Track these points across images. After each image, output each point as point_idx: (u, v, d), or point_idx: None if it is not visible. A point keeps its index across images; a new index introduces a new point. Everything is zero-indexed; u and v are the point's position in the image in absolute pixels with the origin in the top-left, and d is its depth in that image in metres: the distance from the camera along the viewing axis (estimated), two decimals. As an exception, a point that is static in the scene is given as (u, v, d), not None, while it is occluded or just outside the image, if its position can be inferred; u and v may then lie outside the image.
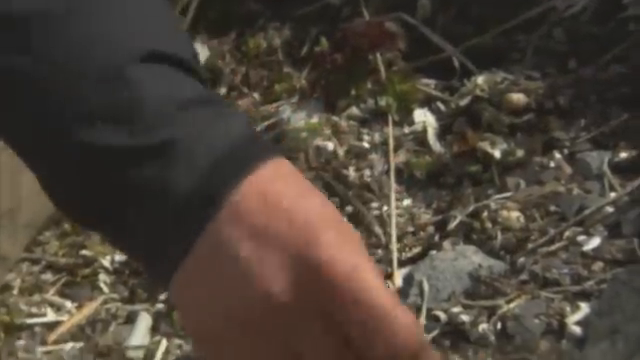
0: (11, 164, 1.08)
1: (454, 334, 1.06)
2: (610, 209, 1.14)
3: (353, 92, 1.45)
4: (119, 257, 1.32)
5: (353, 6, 1.58)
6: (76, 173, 0.67)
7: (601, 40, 1.39)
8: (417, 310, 1.09)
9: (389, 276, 1.19)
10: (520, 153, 1.27)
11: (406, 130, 1.38)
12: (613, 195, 1.16)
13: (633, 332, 0.96)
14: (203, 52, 1.57)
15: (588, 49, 1.39)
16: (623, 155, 1.21)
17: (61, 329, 1.22)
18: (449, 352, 1.03)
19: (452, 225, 1.21)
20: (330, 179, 1.32)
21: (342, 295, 0.62)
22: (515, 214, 1.19)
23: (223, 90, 1.55)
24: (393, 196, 1.28)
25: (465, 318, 1.07)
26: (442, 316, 1.09)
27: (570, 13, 1.44)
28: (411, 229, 1.25)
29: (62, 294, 1.29)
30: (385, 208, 1.28)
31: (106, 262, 1.31)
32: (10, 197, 1.09)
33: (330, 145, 1.37)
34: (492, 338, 1.04)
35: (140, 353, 1.15)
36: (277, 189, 0.64)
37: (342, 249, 0.64)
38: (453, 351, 1.02)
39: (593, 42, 1.39)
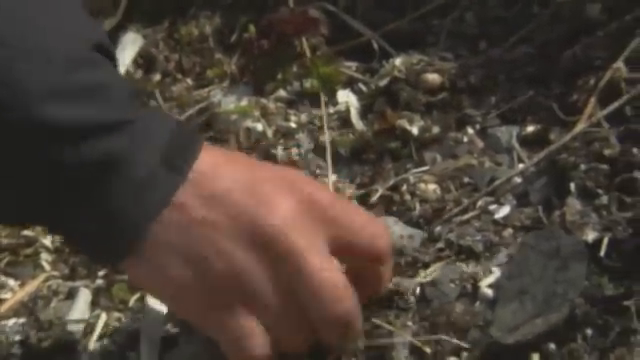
0: None
1: (376, 300, 1.05)
2: (518, 180, 1.13)
3: (280, 76, 1.43)
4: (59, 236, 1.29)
5: (278, -5, 1.56)
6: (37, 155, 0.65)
7: (508, 23, 1.38)
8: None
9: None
10: (436, 129, 1.26)
11: (331, 110, 1.36)
12: (521, 166, 1.15)
13: (540, 292, 0.96)
14: (137, 40, 1.54)
15: (496, 31, 1.38)
16: (530, 129, 1.20)
17: (5, 306, 1.20)
18: (371, 317, 1.02)
19: (374, 198, 1.20)
20: (260, 158, 1.30)
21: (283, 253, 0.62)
22: (432, 186, 1.18)
23: (157, 76, 1.52)
24: (330, 169, 1.26)
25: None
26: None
27: (480, -2, 1.43)
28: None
29: (5, 273, 1.26)
30: (312, 184, 1.26)
31: (47, 241, 1.28)
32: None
33: (259, 126, 1.35)
34: (412, 302, 1.03)
35: (80, 326, 1.13)
36: (227, 159, 0.64)
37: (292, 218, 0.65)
38: (375, 316, 1.01)
39: (501, 25, 1.38)
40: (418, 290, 1.04)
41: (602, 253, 0.97)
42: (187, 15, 1.59)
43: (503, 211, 1.11)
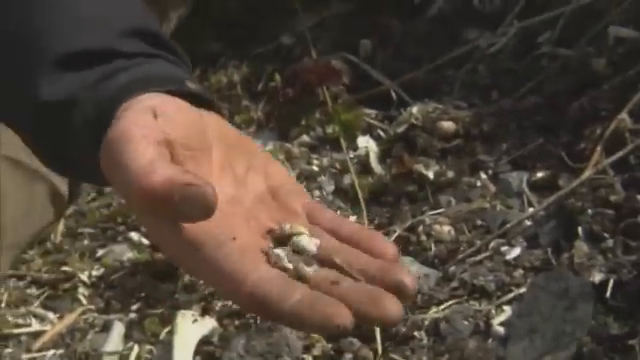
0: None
1: (393, 335, 1.05)
2: (529, 222, 1.14)
3: (303, 122, 1.45)
4: (96, 272, 1.31)
5: (303, 47, 1.58)
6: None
7: (519, 74, 1.39)
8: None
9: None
10: (450, 174, 1.27)
11: (351, 155, 1.37)
12: (531, 210, 1.16)
13: (549, 331, 0.96)
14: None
15: (508, 82, 1.39)
16: (539, 175, 1.21)
17: (44, 338, 1.20)
18: (389, 352, 1.03)
19: (392, 238, 1.21)
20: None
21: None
22: (447, 228, 1.19)
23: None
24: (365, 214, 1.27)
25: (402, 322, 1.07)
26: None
27: (492, 51, 1.44)
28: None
29: (45, 306, 1.27)
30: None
31: (84, 277, 1.30)
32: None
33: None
34: (426, 339, 1.03)
35: (114, 358, 1.14)
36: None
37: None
38: (391, 351, 1.01)
39: (512, 76, 1.40)
40: (433, 327, 1.04)
41: (608, 294, 0.98)
42: (217, 64, 1.61)
43: (514, 252, 1.12)
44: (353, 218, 1.28)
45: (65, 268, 1.31)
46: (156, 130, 0.63)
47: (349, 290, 0.59)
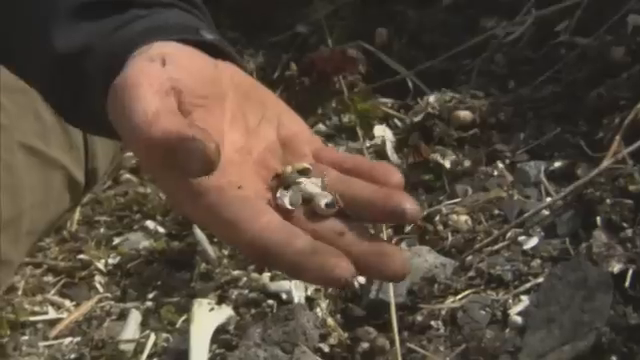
0: (11, 179, 1.07)
1: (410, 325, 1.05)
2: (546, 212, 1.14)
3: (320, 111, 1.44)
4: (112, 260, 1.31)
5: (319, 35, 1.58)
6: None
7: (536, 63, 1.38)
8: (378, 304, 1.08)
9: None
10: (467, 163, 1.26)
11: (367, 144, 1.37)
12: (549, 200, 1.15)
13: (567, 320, 0.96)
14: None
15: (525, 71, 1.39)
16: (557, 164, 1.20)
17: (61, 326, 1.21)
18: (406, 341, 1.02)
19: (408, 228, 1.20)
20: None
21: None
22: (463, 217, 1.19)
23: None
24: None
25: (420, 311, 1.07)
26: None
27: (509, 40, 1.44)
28: (372, 232, 1.24)
29: (62, 294, 1.27)
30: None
31: (101, 265, 1.30)
32: (12, 208, 1.08)
33: (298, 161, 1.36)
34: (443, 329, 1.03)
35: (131, 346, 1.14)
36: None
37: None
38: (408, 340, 1.01)
39: (529, 65, 1.39)
40: (450, 317, 1.04)
41: (627, 284, 0.97)
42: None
43: (532, 242, 1.11)
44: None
45: (81, 256, 1.31)
46: (163, 78, 0.62)
47: (354, 242, 0.57)
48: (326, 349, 1.04)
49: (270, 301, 1.12)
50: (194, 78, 0.64)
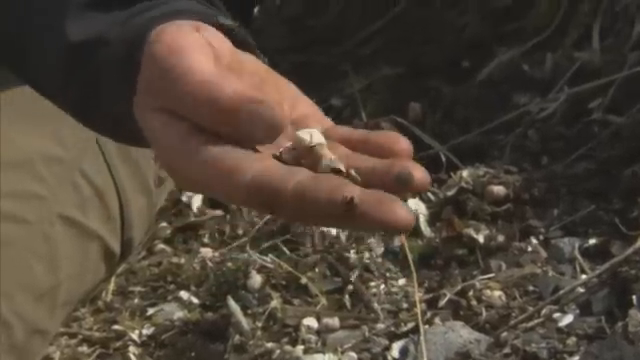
0: (50, 250, 1.08)
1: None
2: (581, 289, 1.13)
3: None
4: (146, 331, 1.31)
5: (352, 108, 1.59)
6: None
7: (569, 140, 1.39)
8: (412, 380, 1.07)
9: (387, 348, 1.17)
10: (501, 238, 1.26)
11: (400, 217, 1.37)
12: (584, 277, 1.15)
13: (605, 401, 0.95)
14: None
15: (558, 147, 1.39)
16: (592, 242, 1.20)
17: (94, 396, 1.21)
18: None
19: (442, 302, 1.20)
20: (333, 261, 1.32)
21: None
22: (497, 293, 1.19)
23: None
24: (415, 277, 1.26)
25: (455, 388, 1.06)
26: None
27: (542, 116, 1.45)
28: (406, 306, 1.24)
29: (96, 365, 1.28)
30: (382, 287, 1.27)
31: (135, 336, 1.30)
32: (49, 278, 1.08)
33: (333, 231, 1.36)
34: (479, 405, 1.02)
35: (165, 418, 1.14)
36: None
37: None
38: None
39: (562, 142, 1.40)
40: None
41: (664, 364, 0.96)
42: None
43: (567, 319, 1.11)
44: (402, 281, 1.28)
45: (116, 327, 1.32)
46: (206, 44, 0.61)
47: (356, 189, 0.54)
48: None
49: (304, 374, 1.12)
50: (226, 49, 0.62)
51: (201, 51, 0.60)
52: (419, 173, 0.54)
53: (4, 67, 0.77)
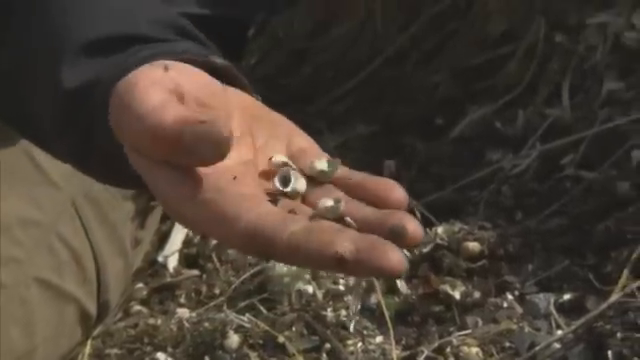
0: (25, 314, 1.07)
1: None
2: (557, 345, 1.14)
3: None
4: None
5: (327, 166, 1.60)
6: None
7: (542, 196, 1.41)
8: None
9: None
10: (477, 294, 1.27)
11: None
12: (560, 332, 1.16)
13: None
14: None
15: (532, 203, 1.41)
16: (567, 297, 1.21)
17: None
18: None
19: (420, 359, 1.20)
20: (310, 319, 1.32)
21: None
22: (475, 349, 1.19)
23: (214, 241, 1.55)
24: (392, 335, 1.26)
25: None
26: None
27: (515, 172, 1.46)
28: (383, 364, 1.24)
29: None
30: (359, 345, 1.27)
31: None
32: (25, 342, 1.08)
33: (310, 288, 1.36)
34: None
35: None
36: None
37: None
38: None
39: (536, 197, 1.41)
40: None
41: (641, 420, 0.97)
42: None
43: (544, 376, 1.11)
44: (380, 338, 1.28)
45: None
46: (167, 79, 0.61)
47: (350, 235, 0.54)
48: None
49: None
50: (198, 87, 0.63)
51: (154, 86, 0.60)
52: (412, 226, 0.56)
53: None
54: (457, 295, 1.27)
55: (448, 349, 1.20)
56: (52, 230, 1.07)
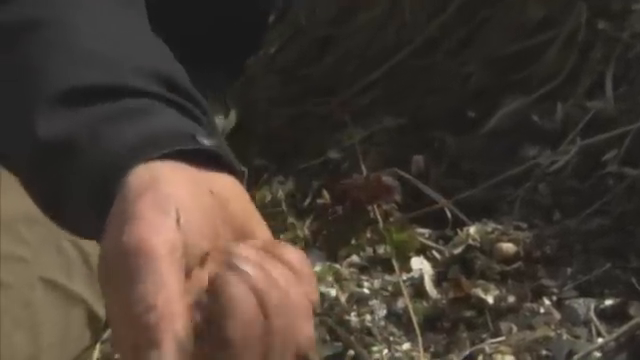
0: (30, 316, 1.07)
1: None
2: (598, 354, 1.13)
3: (353, 241, 1.45)
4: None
5: (351, 162, 1.59)
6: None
7: (583, 194, 1.39)
8: None
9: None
10: (511, 299, 1.26)
11: (404, 277, 1.37)
12: (600, 340, 1.14)
13: None
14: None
15: (571, 202, 1.39)
16: (608, 302, 1.20)
17: None
18: None
19: (450, 367, 1.19)
20: (333, 324, 1.31)
21: None
22: (509, 358, 1.18)
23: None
24: (420, 341, 1.25)
25: None
26: None
27: (553, 169, 1.45)
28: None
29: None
30: (385, 351, 1.26)
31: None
32: (30, 346, 1.07)
33: (333, 292, 1.36)
34: None
35: None
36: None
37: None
38: None
39: (575, 196, 1.40)
40: None
41: None
42: (260, 180, 1.62)
43: (584, 386, 1.09)
44: (407, 345, 1.27)
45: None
46: (179, 247, 0.60)
47: None
48: None
49: None
50: (200, 232, 0.62)
51: (171, 266, 0.59)
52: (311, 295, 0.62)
53: None
54: (490, 299, 1.26)
55: (480, 357, 1.19)
56: (59, 228, 1.07)
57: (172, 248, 0.60)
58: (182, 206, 0.62)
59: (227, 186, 0.66)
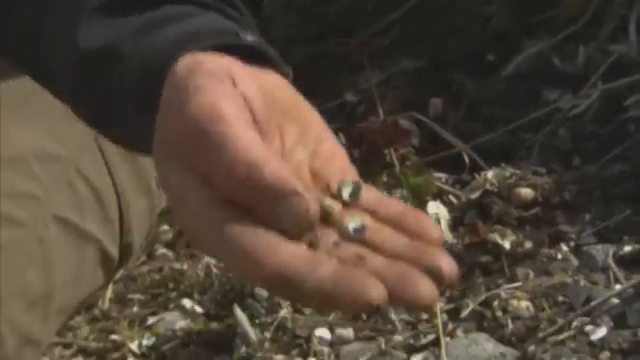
0: (43, 254, 1.08)
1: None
2: (616, 300, 1.14)
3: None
4: (146, 341, 1.31)
5: (368, 105, 1.59)
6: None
7: (603, 139, 1.39)
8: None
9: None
10: (528, 245, 1.26)
11: (419, 222, 1.37)
12: (618, 287, 1.15)
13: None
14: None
15: (591, 148, 1.39)
16: (627, 249, 1.20)
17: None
18: None
19: (465, 313, 1.20)
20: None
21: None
22: (525, 303, 1.18)
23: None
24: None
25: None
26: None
27: (574, 114, 1.45)
28: (425, 316, 1.24)
29: (92, 377, 1.28)
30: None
31: (134, 346, 1.30)
32: (43, 284, 1.09)
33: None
34: None
35: None
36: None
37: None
38: None
39: (596, 141, 1.40)
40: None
41: None
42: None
43: (600, 333, 1.11)
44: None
45: (113, 337, 1.32)
46: (246, 107, 0.62)
47: (378, 266, 0.56)
48: None
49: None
50: (257, 100, 0.63)
51: (243, 121, 0.61)
52: (448, 266, 0.57)
53: (12, 61, 0.78)
54: (507, 245, 1.26)
55: (496, 302, 1.19)
56: (72, 165, 1.08)
57: (239, 113, 0.61)
58: (238, 75, 0.63)
59: (274, 81, 0.67)
